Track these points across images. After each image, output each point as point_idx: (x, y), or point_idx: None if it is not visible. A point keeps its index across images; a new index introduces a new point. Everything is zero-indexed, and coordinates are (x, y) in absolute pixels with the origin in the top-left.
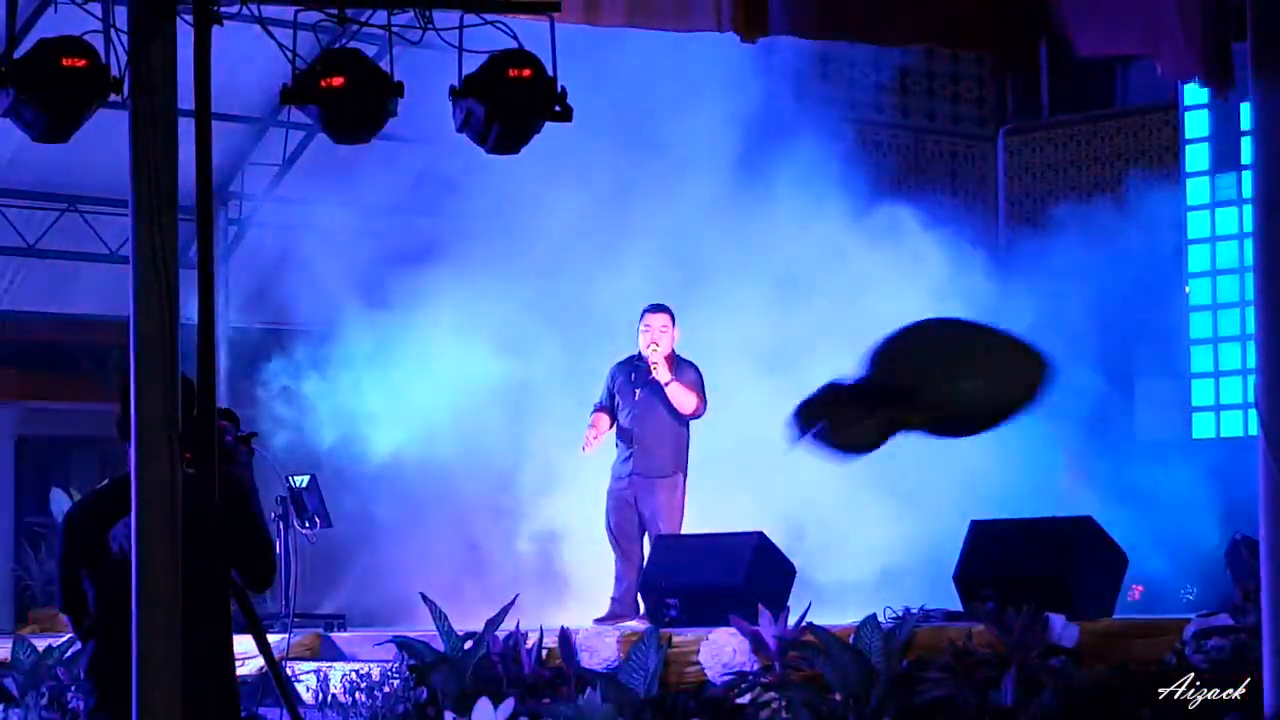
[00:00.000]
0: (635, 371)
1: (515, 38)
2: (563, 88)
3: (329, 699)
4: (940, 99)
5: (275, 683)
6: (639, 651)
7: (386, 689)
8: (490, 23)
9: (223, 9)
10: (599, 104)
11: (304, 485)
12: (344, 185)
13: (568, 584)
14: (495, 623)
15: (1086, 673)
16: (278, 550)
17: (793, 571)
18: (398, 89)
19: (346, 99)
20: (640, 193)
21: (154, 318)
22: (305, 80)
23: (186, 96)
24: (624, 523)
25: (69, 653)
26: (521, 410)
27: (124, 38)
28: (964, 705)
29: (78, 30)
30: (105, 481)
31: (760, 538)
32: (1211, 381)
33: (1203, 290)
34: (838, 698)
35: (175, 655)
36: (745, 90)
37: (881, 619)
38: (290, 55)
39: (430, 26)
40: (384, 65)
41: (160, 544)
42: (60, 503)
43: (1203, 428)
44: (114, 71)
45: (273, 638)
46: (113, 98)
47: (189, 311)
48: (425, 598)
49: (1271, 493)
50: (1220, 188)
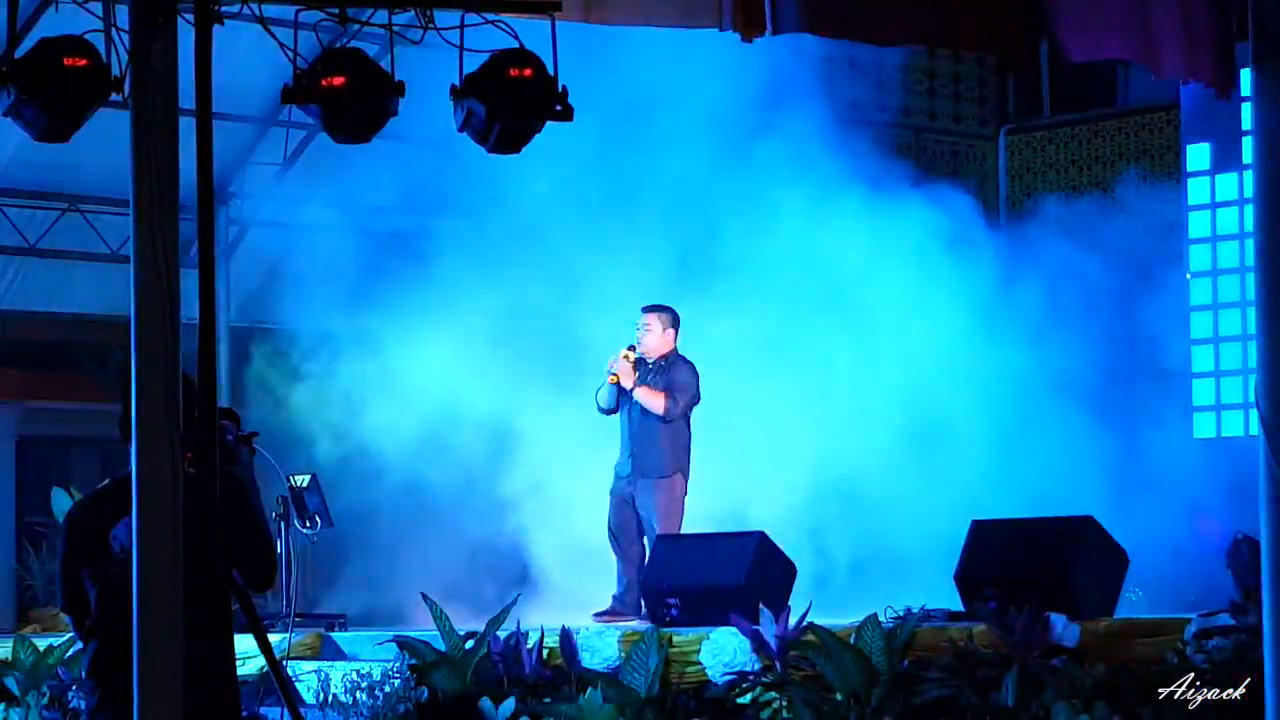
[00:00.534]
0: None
1: (516, 37)
2: (564, 87)
3: (330, 699)
4: (941, 98)
5: (276, 682)
6: (640, 651)
7: (387, 689)
8: (491, 22)
9: (223, 8)
10: (599, 103)
11: (305, 485)
12: (345, 185)
13: (568, 584)
14: (496, 623)
15: (1088, 673)
16: (278, 550)
17: (793, 571)
18: (399, 89)
19: (347, 98)
20: (641, 192)
21: (154, 318)
22: (306, 80)
23: (187, 96)
24: (623, 522)
25: (70, 652)
26: (522, 410)
27: (125, 37)
28: (965, 705)
29: (79, 30)
30: (106, 481)
31: (761, 537)
32: (1212, 381)
33: (1203, 290)
34: (839, 697)
35: (176, 655)
36: (745, 90)
37: (882, 619)
38: (291, 55)
39: (431, 26)
40: (385, 65)
41: (161, 544)
42: (61, 502)
43: (1203, 428)
44: (115, 71)
45: (273, 637)
46: (113, 97)
47: (189, 311)
48: (426, 597)
49: (1272, 493)
50: (1220, 188)
